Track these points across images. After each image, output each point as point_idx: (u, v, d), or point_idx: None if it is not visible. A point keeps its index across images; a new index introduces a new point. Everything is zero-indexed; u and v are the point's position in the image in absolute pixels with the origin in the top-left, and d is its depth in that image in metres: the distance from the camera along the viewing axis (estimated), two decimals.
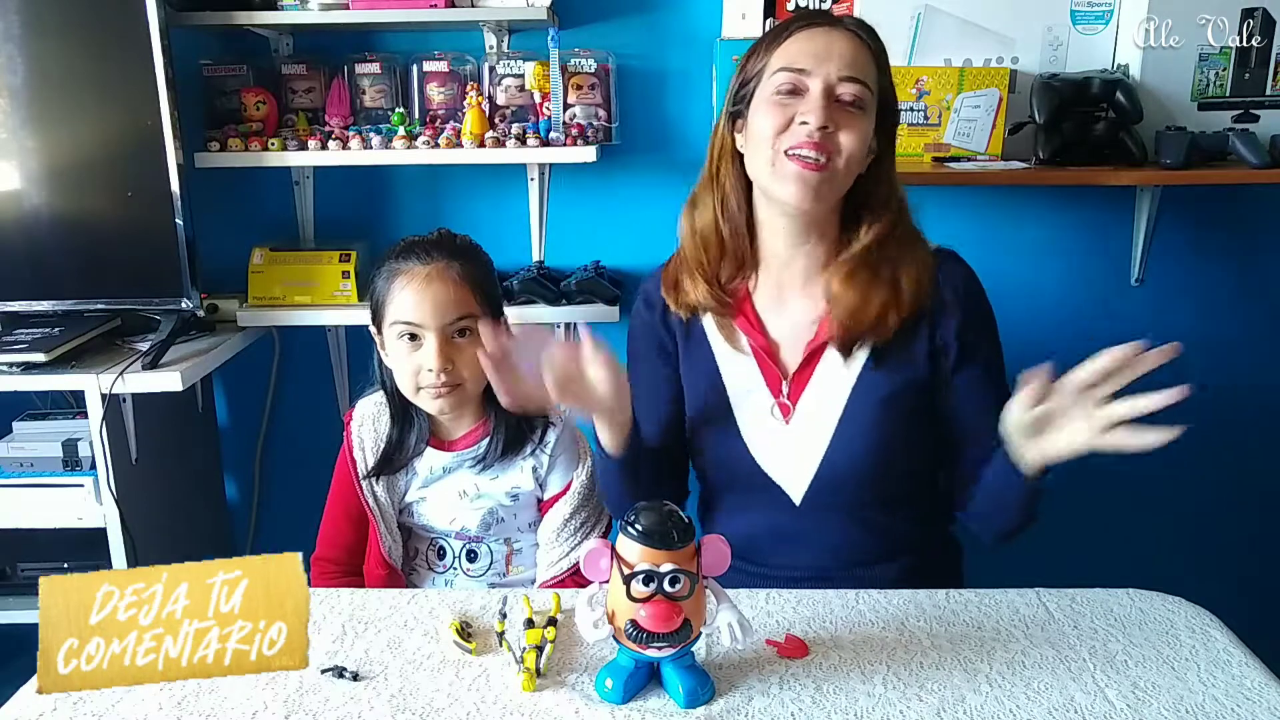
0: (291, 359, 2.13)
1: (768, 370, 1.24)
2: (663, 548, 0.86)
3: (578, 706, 0.91)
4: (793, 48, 1.16)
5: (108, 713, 0.90)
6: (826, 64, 1.13)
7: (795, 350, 1.23)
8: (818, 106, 1.12)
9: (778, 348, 1.24)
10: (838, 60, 1.14)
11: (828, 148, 1.13)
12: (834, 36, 1.15)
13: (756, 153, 1.18)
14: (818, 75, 1.13)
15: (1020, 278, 2.01)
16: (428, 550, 1.41)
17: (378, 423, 1.38)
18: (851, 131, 1.13)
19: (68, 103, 1.71)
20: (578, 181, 2.01)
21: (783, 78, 1.15)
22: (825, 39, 1.15)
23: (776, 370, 1.24)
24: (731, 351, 1.25)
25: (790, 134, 1.14)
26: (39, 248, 1.75)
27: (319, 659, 0.98)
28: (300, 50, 1.99)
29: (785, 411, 1.23)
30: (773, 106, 1.15)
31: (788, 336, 1.24)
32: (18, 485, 1.75)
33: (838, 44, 1.15)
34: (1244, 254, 2.02)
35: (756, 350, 1.24)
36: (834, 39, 1.15)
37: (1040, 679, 0.95)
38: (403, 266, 1.29)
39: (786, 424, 1.23)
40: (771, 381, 1.24)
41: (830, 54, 1.14)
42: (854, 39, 1.16)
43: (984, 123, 1.83)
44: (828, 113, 1.12)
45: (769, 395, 1.23)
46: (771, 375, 1.24)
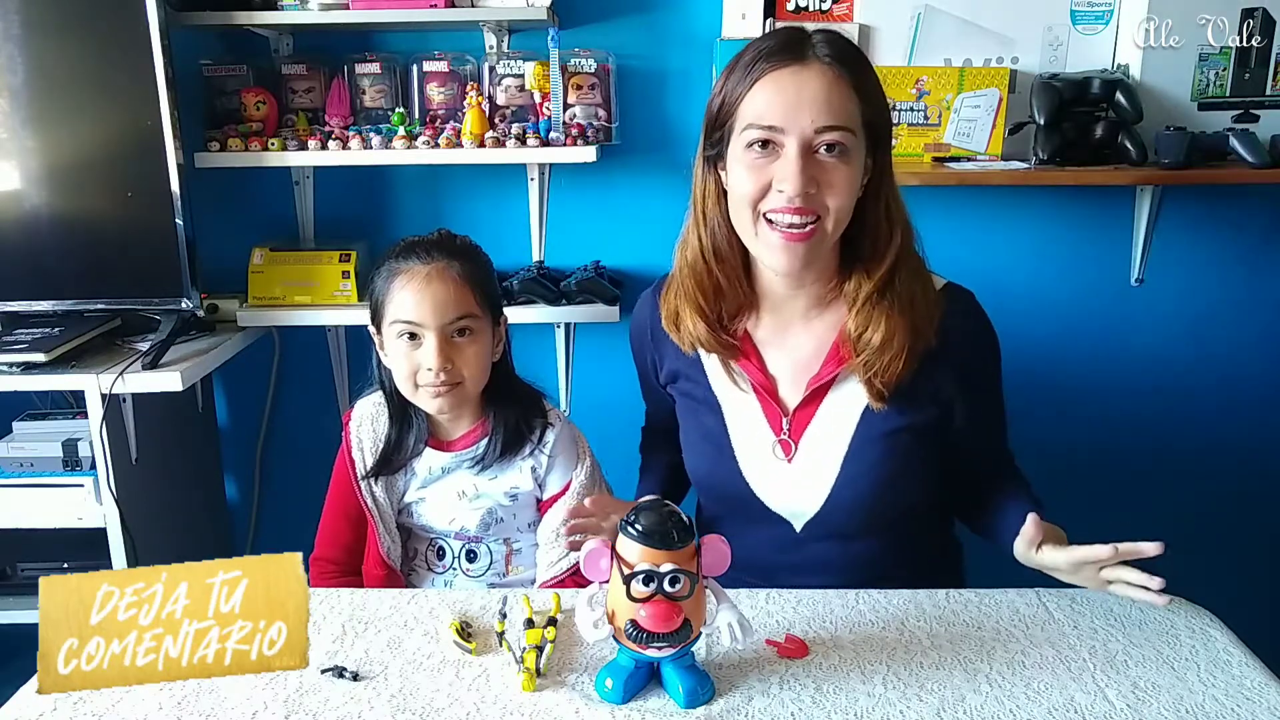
0: (291, 359, 2.13)
1: (768, 408, 1.21)
2: (663, 548, 0.86)
3: (578, 706, 0.91)
4: (761, 97, 1.07)
5: (108, 713, 0.90)
6: (799, 116, 1.05)
7: (796, 387, 1.20)
8: (794, 172, 1.05)
9: (777, 384, 1.22)
10: (810, 109, 1.05)
11: (811, 210, 1.07)
12: (805, 78, 1.06)
13: (738, 214, 1.12)
14: (791, 132, 1.05)
15: (1020, 278, 2.01)
16: (427, 550, 1.41)
17: (377, 423, 1.38)
18: (835, 188, 1.07)
19: (68, 103, 1.71)
20: (578, 181, 2.01)
21: (753, 134, 1.07)
22: (795, 82, 1.06)
23: (777, 408, 1.21)
24: (731, 387, 1.23)
25: (769, 199, 1.08)
26: (39, 248, 1.75)
27: (319, 659, 0.98)
28: (300, 50, 1.99)
29: (787, 449, 1.20)
30: (748, 168, 1.09)
31: (788, 373, 1.21)
32: (18, 485, 1.75)
33: (809, 87, 1.05)
34: (1244, 254, 2.02)
35: (757, 388, 1.22)
36: (805, 81, 1.06)
37: (1040, 679, 0.95)
38: (402, 266, 1.29)
39: (789, 462, 1.21)
40: (772, 418, 1.21)
41: (802, 103, 1.05)
42: (827, 75, 1.06)
43: (984, 123, 1.83)
44: (806, 175, 1.05)
45: (770, 432, 1.21)
46: (772, 413, 1.21)
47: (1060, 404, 2.05)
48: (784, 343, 1.22)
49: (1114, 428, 2.09)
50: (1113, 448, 2.10)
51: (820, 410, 1.20)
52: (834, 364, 1.18)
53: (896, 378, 1.13)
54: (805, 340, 1.21)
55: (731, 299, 1.20)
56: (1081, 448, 2.09)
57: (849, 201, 1.09)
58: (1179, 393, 2.07)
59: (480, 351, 1.30)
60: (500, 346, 1.36)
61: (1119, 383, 2.07)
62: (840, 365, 1.17)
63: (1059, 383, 2.04)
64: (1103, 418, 2.09)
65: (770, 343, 1.22)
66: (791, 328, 1.22)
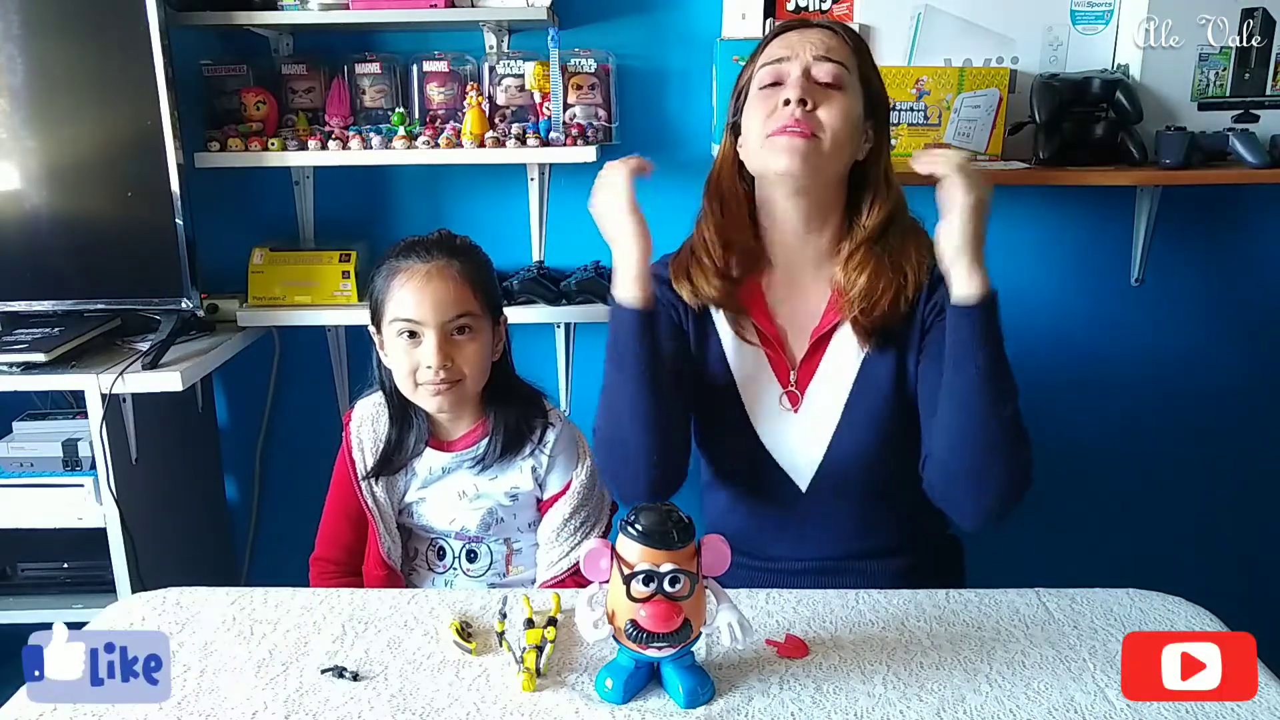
0: (291, 359, 2.13)
1: (776, 359, 1.26)
2: (663, 548, 0.86)
3: (578, 706, 0.91)
4: (771, 47, 1.23)
5: (108, 713, 0.90)
6: (802, 49, 1.20)
7: (802, 338, 1.25)
8: (795, 84, 1.18)
9: (785, 335, 1.26)
10: (812, 46, 1.20)
11: (811, 124, 1.16)
12: (810, 31, 1.23)
13: (749, 145, 1.22)
14: (795, 60, 1.19)
15: (1020, 278, 2.01)
16: (427, 550, 1.41)
17: (377, 423, 1.38)
18: (832, 107, 1.17)
19: (68, 103, 1.71)
20: (578, 181, 2.01)
21: (765, 73, 1.21)
22: (800, 34, 1.23)
23: (784, 359, 1.25)
24: (740, 340, 1.26)
25: (774, 117, 1.18)
26: (39, 248, 1.75)
27: (319, 659, 0.98)
28: (300, 50, 1.99)
29: (794, 400, 1.25)
30: (759, 100, 1.21)
31: (795, 324, 1.26)
32: (18, 485, 1.75)
33: (813, 35, 1.22)
34: (1244, 254, 2.02)
35: (765, 339, 1.25)
36: (809, 32, 1.23)
37: (1040, 679, 0.95)
38: (403, 264, 1.29)
39: (795, 412, 1.25)
40: (779, 370, 1.25)
41: (805, 42, 1.21)
42: (829, 31, 1.23)
43: (984, 123, 1.83)
44: (805, 89, 1.17)
45: (777, 384, 1.25)
46: (779, 364, 1.25)
47: (1059, 404, 2.05)
48: (791, 297, 1.27)
49: (1113, 427, 2.09)
50: (1112, 447, 2.10)
51: (823, 359, 1.24)
52: (834, 313, 1.23)
53: (884, 318, 1.20)
54: (813, 291, 1.26)
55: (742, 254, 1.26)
56: (1081, 447, 2.09)
57: (845, 126, 1.18)
58: (1179, 393, 2.07)
59: (479, 350, 1.30)
60: (500, 347, 1.36)
61: (1119, 383, 2.07)
62: (839, 314, 1.22)
63: (1059, 383, 2.04)
64: (1102, 418, 2.08)
65: (779, 298, 1.27)
66: (801, 281, 1.26)
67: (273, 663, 0.98)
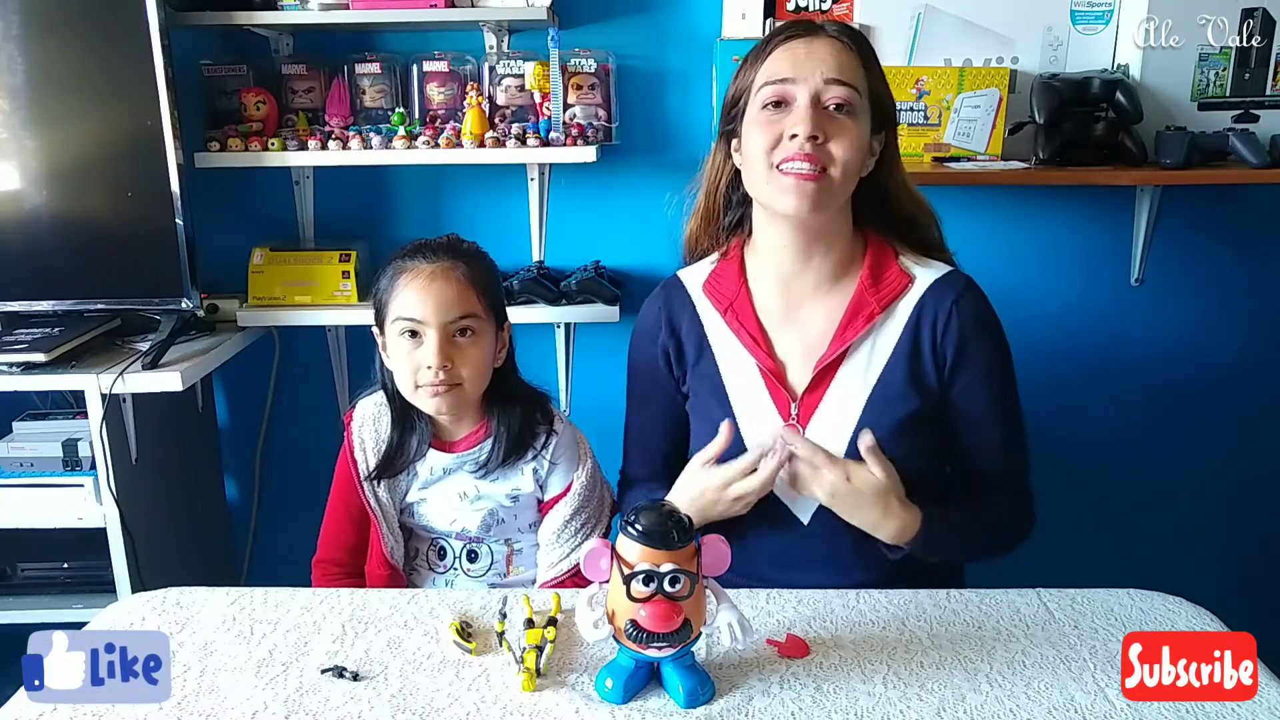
0: (291, 359, 2.13)
1: (776, 393, 1.22)
2: (663, 548, 0.86)
3: (578, 706, 0.91)
4: (776, 61, 1.16)
5: (108, 713, 0.90)
6: (810, 71, 1.13)
7: (804, 370, 1.21)
8: (805, 117, 1.12)
9: (785, 368, 1.23)
10: (821, 65, 1.14)
11: (820, 159, 1.12)
12: (816, 44, 1.16)
13: (751, 169, 1.18)
14: (803, 83, 1.13)
15: (1020, 278, 2.01)
16: (428, 550, 1.41)
17: (378, 423, 1.38)
18: (843, 140, 1.13)
19: (68, 103, 1.71)
20: (578, 181, 2.01)
21: (769, 91, 1.15)
22: (807, 47, 1.15)
23: (785, 393, 1.22)
24: (739, 375, 1.24)
25: (781, 148, 1.14)
26: (39, 248, 1.75)
27: (319, 659, 0.98)
28: (300, 50, 1.99)
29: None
30: (762, 123, 1.16)
31: (795, 355, 1.22)
32: (18, 485, 1.75)
33: (820, 50, 1.15)
34: (1244, 254, 2.02)
35: (764, 374, 1.22)
36: (816, 46, 1.15)
37: (1040, 679, 0.95)
38: (408, 265, 1.29)
39: None
40: (780, 403, 1.22)
41: (813, 60, 1.14)
42: (837, 44, 1.16)
43: (984, 123, 1.83)
44: (816, 122, 1.12)
45: (778, 419, 1.22)
46: (780, 398, 1.22)
47: (1060, 404, 2.05)
48: (790, 323, 1.23)
49: (1113, 427, 2.09)
50: (1112, 447, 2.10)
51: (828, 392, 1.20)
52: (841, 340, 1.19)
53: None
54: (816, 317, 1.23)
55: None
56: (1081, 447, 2.09)
57: (855, 156, 1.14)
58: (1179, 393, 2.07)
59: (481, 354, 1.30)
60: (504, 353, 1.36)
61: (1118, 383, 2.07)
62: (847, 342, 1.19)
63: (1059, 383, 2.04)
64: (1102, 418, 2.09)
65: (777, 325, 1.24)
66: (802, 306, 1.23)
67: (273, 663, 0.98)
